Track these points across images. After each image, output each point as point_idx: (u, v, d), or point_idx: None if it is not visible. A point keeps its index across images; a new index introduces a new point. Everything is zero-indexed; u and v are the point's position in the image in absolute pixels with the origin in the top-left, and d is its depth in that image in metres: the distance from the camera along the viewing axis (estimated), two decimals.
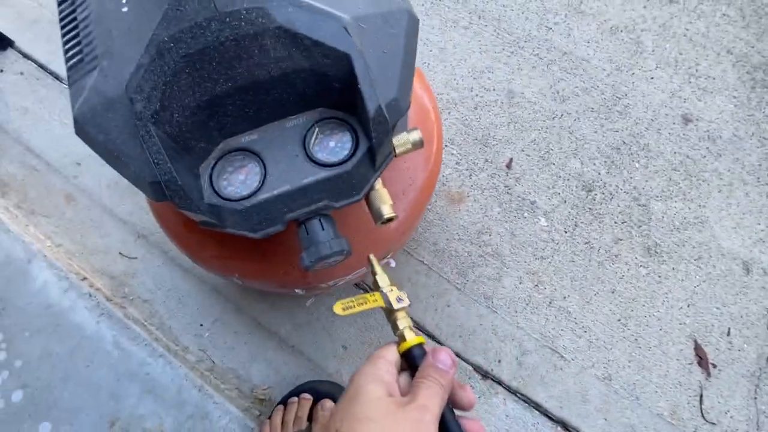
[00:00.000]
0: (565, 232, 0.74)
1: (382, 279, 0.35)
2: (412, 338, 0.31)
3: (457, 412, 0.30)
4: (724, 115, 0.81)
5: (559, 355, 0.68)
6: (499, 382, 0.67)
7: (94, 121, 0.32)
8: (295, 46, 0.29)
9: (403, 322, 0.33)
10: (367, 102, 0.30)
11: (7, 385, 0.65)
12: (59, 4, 0.37)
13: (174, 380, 0.65)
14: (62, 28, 0.36)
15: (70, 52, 0.35)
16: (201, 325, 0.70)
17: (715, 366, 0.67)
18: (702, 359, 0.67)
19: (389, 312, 0.33)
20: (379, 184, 0.38)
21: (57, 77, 0.86)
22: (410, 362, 0.31)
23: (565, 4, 0.89)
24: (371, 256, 0.36)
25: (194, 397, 0.64)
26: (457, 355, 0.69)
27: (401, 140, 0.38)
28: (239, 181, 0.33)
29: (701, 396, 0.66)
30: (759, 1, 0.90)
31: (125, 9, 0.33)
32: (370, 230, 0.49)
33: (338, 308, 0.31)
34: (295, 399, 0.63)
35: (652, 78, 0.84)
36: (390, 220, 0.37)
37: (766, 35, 0.88)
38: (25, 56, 0.88)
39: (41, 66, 0.87)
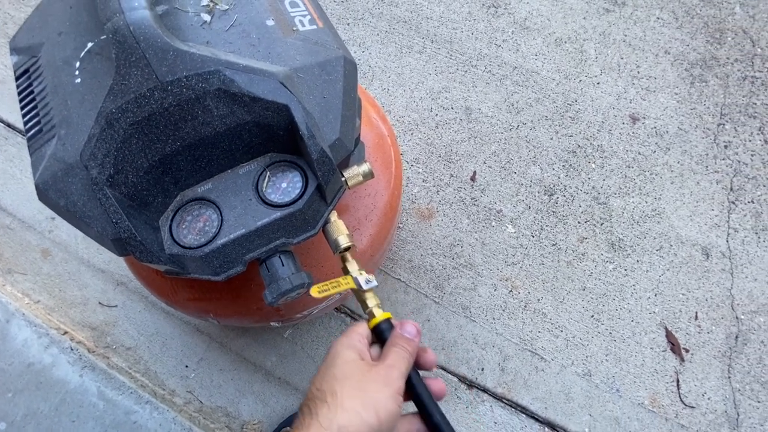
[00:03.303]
0: (533, 237, 0.77)
1: (352, 265, 0.38)
2: (380, 314, 0.35)
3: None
4: (668, 111, 0.87)
5: (539, 357, 0.70)
6: (485, 390, 0.69)
7: (56, 186, 0.34)
8: (236, 103, 0.32)
9: (372, 300, 0.37)
10: (309, 147, 0.33)
11: None
12: (17, 79, 0.39)
13: (162, 425, 0.65)
14: (20, 101, 0.38)
15: (29, 123, 0.37)
16: (186, 366, 0.70)
17: (687, 350, 0.70)
18: (674, 345, 0.70)
19: (359, 293, 0.37)
20: (334, 216, 0.40)
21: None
22: (379, 335, 0.35)
23: (511, 22, 0.95)
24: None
25: None
26: (442, 368, 0.70)
27: (352, 173, 0.41)
28: (198, 229, 0.35)
29: (678, 381, 0.68)
30: (689, 3, 0.97)
31: (78, 80, 0.36)
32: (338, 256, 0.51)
33: (314, 291, 0.34)
34: (288, 428, 0.64)
35: (598, 83, 0.89)
36: (347, 249, 0.39)
37: (699, 33, 0.94)
38: None
39: (9, 125, 0.89)
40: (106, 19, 0.30)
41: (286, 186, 0.36)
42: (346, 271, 0.38)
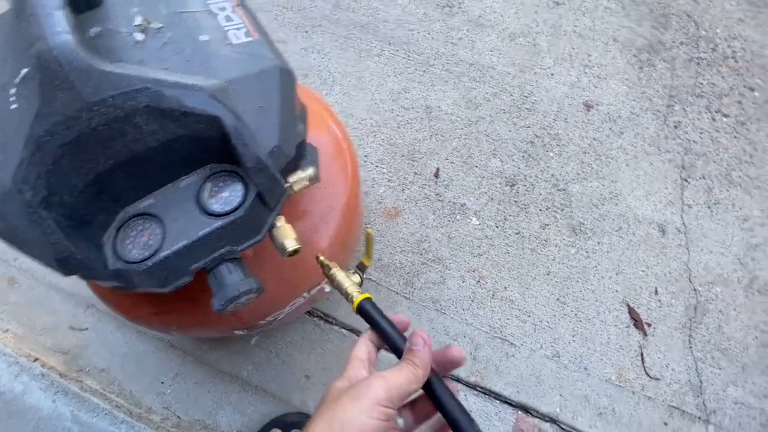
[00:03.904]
0: (497, 227, 0.79)
1: (338, 273, 0.40)
2: (358, 298, 0.38)
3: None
4: (620, 96, 0.90)
5: (509, 343, 0.72)
6: (458, 380, 0.70)
7: None
8: (166, 118, 0.32)
9: (352, 287, 0.39)
10: (243, 155, 0.34)
11: None
12: None
13: None
14: None
15: None
16: (162, 382, 0.70)
17: (649, 325, 0.73)
18: (637, 321, 0.73)
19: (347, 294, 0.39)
20: (281, 221, 0.41)
21: None
22: (365, 316, 0.37)
23: (466, 20, 0.97)
24: (319, 257, 0.41)
25: None
26: None
27: (297, 178, 0.42)
28: (142, 243, 0.35)
29: (642, 355, 0.71)
30: None
31: (14, 106, 0.36)
32: (297, 261, 0.52)
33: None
34: (277, 430, 0.64)
35: (552, 74, 0.92)
36: (295, 252, 0.40)
37: (644, 20, 0.98)
38: None
39: None
40: (30, 45, 0.30)
41: (227, 195, 0.37)
42: (333, 279, 0.39)
